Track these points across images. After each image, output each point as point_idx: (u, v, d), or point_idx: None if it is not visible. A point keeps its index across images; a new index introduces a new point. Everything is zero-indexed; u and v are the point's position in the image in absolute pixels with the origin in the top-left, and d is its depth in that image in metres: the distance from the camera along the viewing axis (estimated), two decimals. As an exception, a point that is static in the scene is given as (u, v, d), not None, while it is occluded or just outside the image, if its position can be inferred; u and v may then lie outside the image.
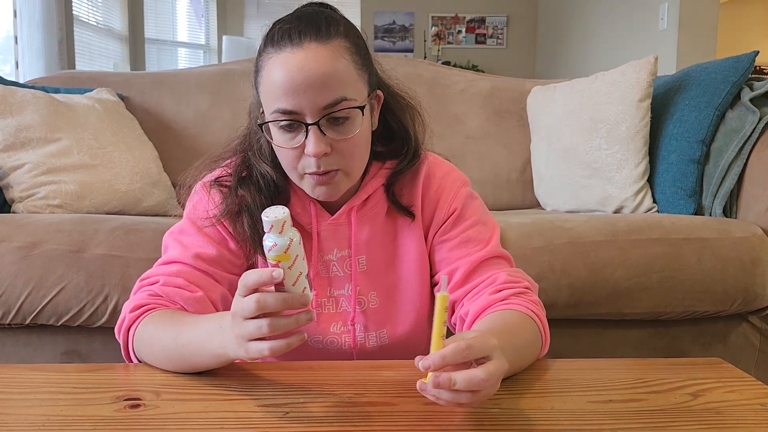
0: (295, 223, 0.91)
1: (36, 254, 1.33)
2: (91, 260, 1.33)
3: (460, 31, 6.44)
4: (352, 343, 0.92)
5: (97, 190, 1.68)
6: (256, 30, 0.91)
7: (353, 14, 6.24)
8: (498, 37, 6.43)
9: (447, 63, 5.95)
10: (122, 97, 2.01)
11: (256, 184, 0.89)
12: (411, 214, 0.93)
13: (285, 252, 0.63)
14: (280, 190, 0.90)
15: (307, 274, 0.66)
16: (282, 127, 0.81)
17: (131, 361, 0.83)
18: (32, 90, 1.76)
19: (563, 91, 1.96)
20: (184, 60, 6.02)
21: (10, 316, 1.33)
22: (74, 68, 4.05)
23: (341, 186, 0.85)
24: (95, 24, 4.80)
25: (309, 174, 0.83)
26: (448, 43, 6.44)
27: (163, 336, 0.77)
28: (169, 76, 2.15)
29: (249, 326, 0.64)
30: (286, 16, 0.84)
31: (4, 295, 1.32)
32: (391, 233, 0.94)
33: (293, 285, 0.65)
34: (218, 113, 2.07)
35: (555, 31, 5.78)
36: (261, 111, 0.85)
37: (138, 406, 0.68)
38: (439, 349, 0.60)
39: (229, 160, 0.93)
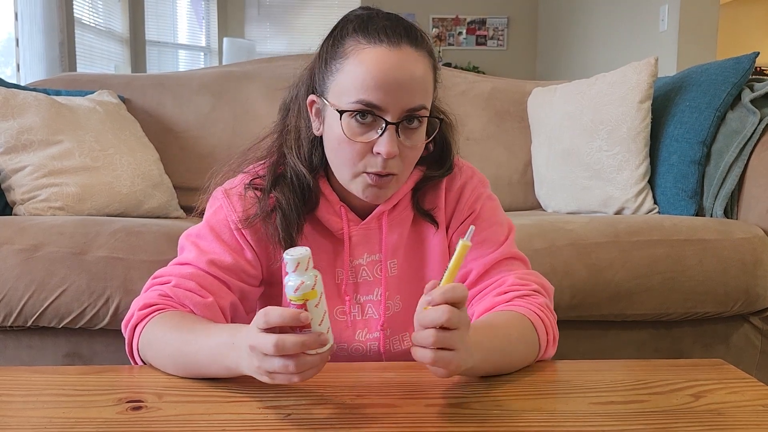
0: (323, 228, 0.91)
1: (38, 257, 1.33)
2: (93, 262, 1.33)
3: (460, 33, 6.44)
4: (382, 348, 0.92)
5: (98, 193, 1.68)
6: (257, 32, 0.92)
7: (354, 16, 6.24)
8: (498, 39, 6.44)
9: (448, 64, 5.95)
10: (123, 99, 2.02)
11: (290, 184, 0.88)
12: (435, 223, 0.93)
13: (312, 289, 0.63)
14: (311, 193, 0.89)
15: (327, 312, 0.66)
16: (358, 120, 0.81)
17: (134, 358, 0.83)
18: (33, 92, 1.77)
19: (564, 93, 1.97)
20: (184, 62, 6.02)
21: (12, 319, 1.34)
22: (75, 70, 4.05)
23: (391, 191, 0.86)
24: (96, 26, 4.80)
25: (368, 173, 0.82)
26: (449, 44, 6.44)
27: (171, 340, 0.77)
28: (170, 78, 2.15)
29: (274, 364, 0.63)
30: (370, 12, 0.84)
31: (5, 298, 1.32)
32: (418, 237, 0.95)
33: (319, 324, 0.64)
34: (219, 115, 2.07)
35: (555, 32, 5.79)
36: (319, 95, 0.85)
37: (140, 408, 0.68)
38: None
39: (256, 164, 0.93)
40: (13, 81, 2.41)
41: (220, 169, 0.95)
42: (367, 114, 0.80)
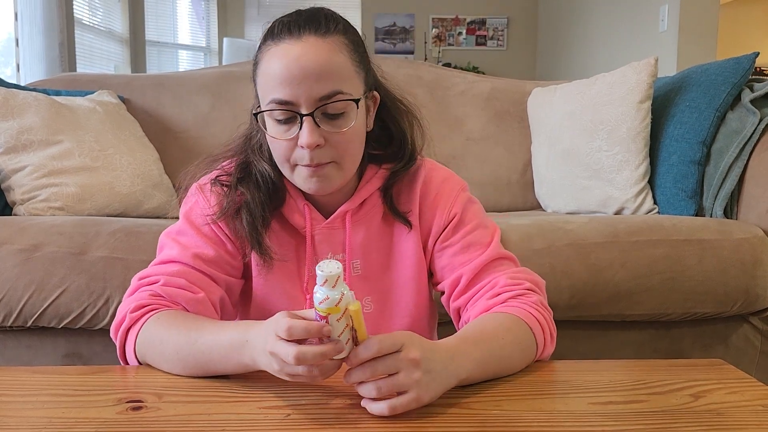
0: (290, 226, 0.92)
1: (37, 257, 1.33)
2: (93, 263, 1.33)
3: (460, 33, 6.44)
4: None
5: (98, 193, 1.68)
6: (257, 32, 0.92)
7: (354, 16, 6.25)
8: (498, 39, 6.44)
9: (447, 65, 5.96)
10: (123, 100, 2.02)
11: (255, 181, 0.90)
12: (408, 223, 0.93)
13: (336, 305, 0.65)
14: (277, 189, 0.90)
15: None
16: (277, 119, 0.82)
17: (127, 362, 0.83)
18: (33, 92, 1.77)
19: (564, 93, 1.97)
20: (184, 62, 6.02)
21: (12, 319, 1.34)
22: (75, 71, 4.06)
23: (333, 179, 0.85)
24: (96, 26, 4.80)
25: (302, 166, 0.83)
26: (449, 44, 6.44)
27: (176, 338, 0.77)
28: (170, 78, 2.15)
29: (298, 371, 0.65)
30: (286, 14, 0.85)
31: (5, 298, 1.32)
32: (387, 238, 0.94)
33: (339, 336, 0.66)
34: (219, 115, 2.08)
35: (555, 32, 5.79)
36: (257, 106, 0.86)
37: (140, 408, 0.68)
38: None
39: (225, 161, 0.94)
40: (13, 81, 2.41)
41: (190, 169, 0.96)
42: (282, 110, 0.80)
